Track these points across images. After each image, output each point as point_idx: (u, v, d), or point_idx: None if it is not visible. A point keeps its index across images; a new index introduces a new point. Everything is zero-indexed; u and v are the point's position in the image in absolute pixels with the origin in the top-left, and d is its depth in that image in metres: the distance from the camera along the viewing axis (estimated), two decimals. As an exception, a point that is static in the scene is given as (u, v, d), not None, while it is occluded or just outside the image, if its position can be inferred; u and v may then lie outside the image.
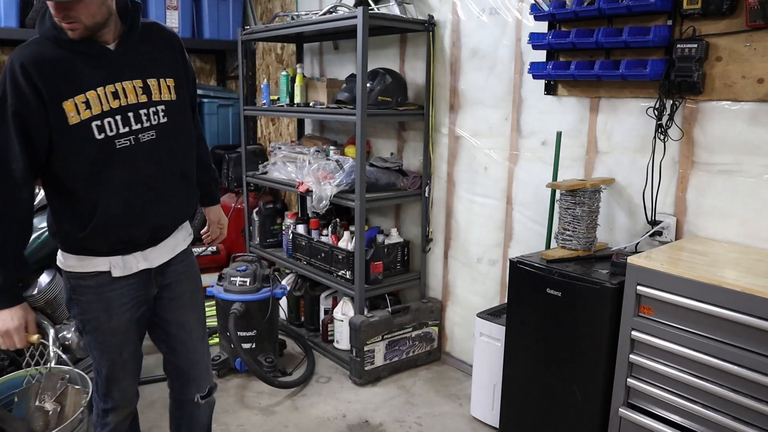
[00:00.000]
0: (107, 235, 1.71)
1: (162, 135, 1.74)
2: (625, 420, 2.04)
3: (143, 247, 1.80)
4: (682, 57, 2.15)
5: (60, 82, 1.58)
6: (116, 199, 1.69)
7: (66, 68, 1.59)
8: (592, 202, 2.33)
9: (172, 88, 1.78)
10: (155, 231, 1.80)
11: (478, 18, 2.97)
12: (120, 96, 1.66)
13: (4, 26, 3.79)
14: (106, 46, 1.66)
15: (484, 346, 2.65)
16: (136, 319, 1.85)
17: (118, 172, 1.68)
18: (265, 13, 4.68)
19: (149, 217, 1.76)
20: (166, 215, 1.82)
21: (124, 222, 1.72)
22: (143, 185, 1.73)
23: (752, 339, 1.71)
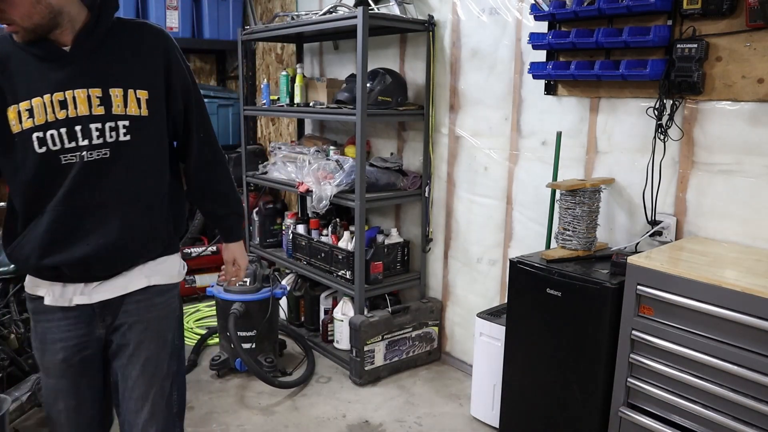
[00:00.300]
0: (27, 257, 1.51)
1: (119, 155, 1.50)
2: (625, 420, 2.04)
3: (77, 279, 1.54)
4: (682, 57, 2.15)
5: (10, 84, 1.42)
6: (45, 218, 1.48)
7: (19, 70, 1.43)
8: (592, 202, 2.33)
9: (143, 101, 1.51)
10: (92, 264, 1.53)
11: (478, 18, 2.97)
12: (68, 106, 1.43)
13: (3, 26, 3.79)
14: (60, 48, 1.45)
15: (484, 346, 2.65)
16: (76, 364, 1.58)
17: (59, 191, 1.47)
18: (265, 13, 4.68)
19: (80, 247, 1.50)
20: (106, 248, 1.52)
21: (45, 246, 1.49)
22: (80, 209, 1.50)
23: (752, 339, 1.71)
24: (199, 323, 3.85)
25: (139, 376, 1.61)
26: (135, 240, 1.57)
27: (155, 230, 1.63)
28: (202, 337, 3.55)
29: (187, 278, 4.22)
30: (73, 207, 1.49)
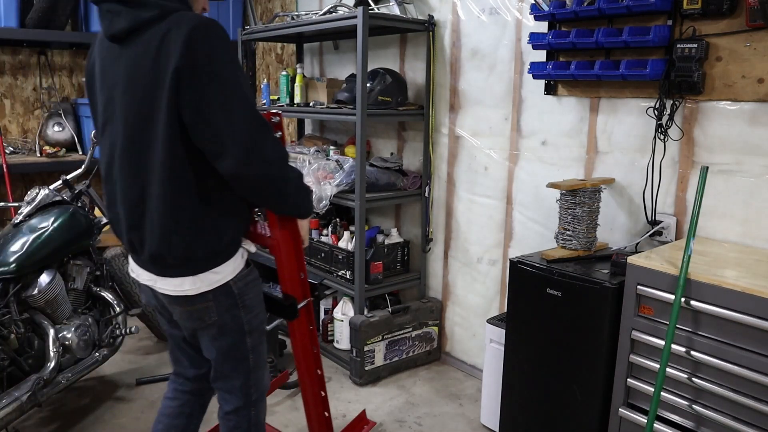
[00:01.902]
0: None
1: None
2: (625, 420, 2.04)
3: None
4: (682, 57, 2.15)
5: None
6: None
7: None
8: (592, 202, 2.33)
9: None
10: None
11: (478, 18, 2.97)
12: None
13: (4, 26, 3.79)
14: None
15: (495, 352, 2.60)
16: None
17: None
18: (265, 13, 4.68)
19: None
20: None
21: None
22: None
23: (752, 339, 1.71)
24: (199, 323, 3.85)
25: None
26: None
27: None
28: (202, 337, 3.54)
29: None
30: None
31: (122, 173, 1.59)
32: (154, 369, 3.25)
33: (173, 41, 1.42)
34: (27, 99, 4.30)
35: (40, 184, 2.89)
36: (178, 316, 1.75)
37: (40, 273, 2.56)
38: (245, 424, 1.84)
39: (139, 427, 2.72)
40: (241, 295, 1.69)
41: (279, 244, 1.79)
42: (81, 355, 2.67)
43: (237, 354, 1.76)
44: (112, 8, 1.48)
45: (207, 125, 1.45)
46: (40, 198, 2.72)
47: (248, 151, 1.48)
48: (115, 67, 1.54)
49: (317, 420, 2.09)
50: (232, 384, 1.80)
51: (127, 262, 3.26)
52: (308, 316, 1.93)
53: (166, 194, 1.53)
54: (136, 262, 1.73)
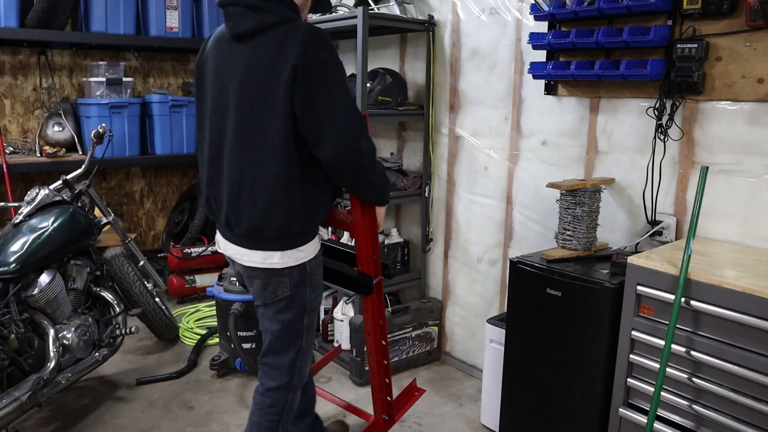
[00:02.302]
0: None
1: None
2: (625, 420, 2.04)
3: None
4: (682, 57, 2.15)
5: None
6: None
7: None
8: (592, 202, 2.33)
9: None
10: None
11: (478, 18, 2.97)
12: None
13: (4, 26, 3.79)
14: None
15: (495, 352, 2.60)
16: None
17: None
18: (265, 13, 4.67)
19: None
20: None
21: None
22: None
23: (752, 339, 1.71)
24: (199, 323, 3.85)
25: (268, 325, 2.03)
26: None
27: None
28: (202, 337, 3.55)
29: (187, 278, 4.22)
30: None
31: (232, 154, 1.79)
32: (154, 369, 3.25)
33: (291, 44, 1.65)
34: (27, 99, 4.30)
35: (40, 184, 2.89)
36: (254, 288, 1.92)
37: (40, 273, 2.56)
38: (281, 404, 1.97)
39: (139, 427, 2.72)
40: (310, 275, 1.91)
41: (359, 227, 2.02)
42: (81, 355, 2.67)
43: (294, 331, 1.93)
44: (237, 11, 1.71)
45: (314, 116, 1.68)
46: (40, 198, 2.72)
47: (346, 141, 1.71)
48: (231, 62, 1.75)
49: (379, 384, 2.34)
50: (281, 360, 1.96)
51: (127, 263, 3.28)
52: (379, 292, 2.18)
53: (275, 174, 1.74)
54: (228, 238, 1.92)
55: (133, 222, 4.95)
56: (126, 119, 4.24)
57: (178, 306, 4.15)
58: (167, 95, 4.44)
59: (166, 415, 2.82)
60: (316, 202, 1.85)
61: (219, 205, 1.89)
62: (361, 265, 2.09)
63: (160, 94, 4.45)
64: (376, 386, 2.34)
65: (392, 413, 2.46)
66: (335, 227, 2.05)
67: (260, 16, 1.67)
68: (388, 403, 2.44)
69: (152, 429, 2.71)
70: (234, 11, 1.71)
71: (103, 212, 3.08)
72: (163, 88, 4.81)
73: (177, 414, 2.83)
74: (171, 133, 4.44)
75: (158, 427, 2.72)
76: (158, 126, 4.37)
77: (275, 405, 1.97)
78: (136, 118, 4.32)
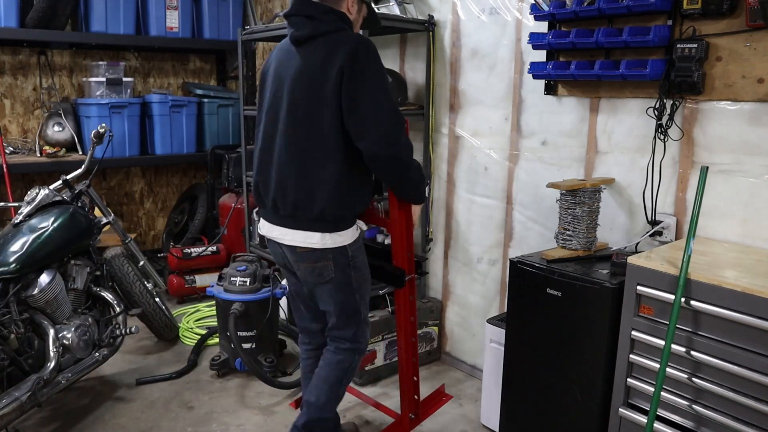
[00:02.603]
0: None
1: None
2: (625, 420, 2.04)
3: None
4: (682, 57, 2.15)
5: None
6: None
7: None
8: (592, 202, 2.33)
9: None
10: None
11: (478, 18, 2.97)
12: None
13: (4, 26, 3.79)
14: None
15: (495, 352, 2.60)
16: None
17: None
18: (265, 13, 4.68)
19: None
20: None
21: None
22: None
23: (752, 339, 1.71)
24: (199, 323, 3.85)
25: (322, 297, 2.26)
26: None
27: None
28: (202, 337, 3.55)
29: (187, 278, 4.22)
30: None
31: (282, 141, 2.02)
32: (154, 369, 3.25)
33: (341, 49, 1.90)
34: (27, 99, 4.30)
35: (40, 184, 2.89)
36: (302, 272, 2.14)
37: (40, 273, 2.56)
38: (348, 363, 2.24)
39: (139, 427, 2.72)
40: (353, 258, 2.11)
41: (396, 224, 2.21)
42: (81, 355, 2.67)
43: (349, 308, 2.17)
44: (299, 20, 1.99)
45: (357, 113, 1.91)
46: (40, 198, 2.72)
47: (385, 136, 1.93)
48: (289, 64, 2.02)
49: (407, 381, 2.47)
50: (345, 333, 2.22)
51: (127, 263, 3.28)
52: (411, 288, 2.34)
53: (321, 161, 1.97)
54: (272, 221, 2.13)
55: (133, 222, 4.95)
56: (126, 119, 4.25)
57: (178, 306, 4.15)
58: (167, 95, 4.44)
59: (166, 415, 2.82)
60: (356, 193, 2.06)
61: (267, 189, 2.11)
62: (396, 259, 2.27)
63: (160, 94, 4.45)
64: (405, 383, 2.46)
65: (419, 413, 2.55)
66: (372, 223, 2.29)
67: (317, 24, 1.96)
68: (415, 402, 2.52)
69: (152, 429, 2.71)
70: (296, 20, 1.99)
71: (103, 212, 3.08)
72: (163, 88, 4.81)
73: (177, 414, 2.83)
74: (171, 133, 4.44)
75: (158, 427, 2.72)
76: (158, 126, 4.38)
77: (343, 362, 2.23)
78: (136, 118, 4.32)
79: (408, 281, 2.28)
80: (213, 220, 4.67)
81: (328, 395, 2.22)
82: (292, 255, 2.13)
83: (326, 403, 2.22)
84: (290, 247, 2.10)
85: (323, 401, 2.21)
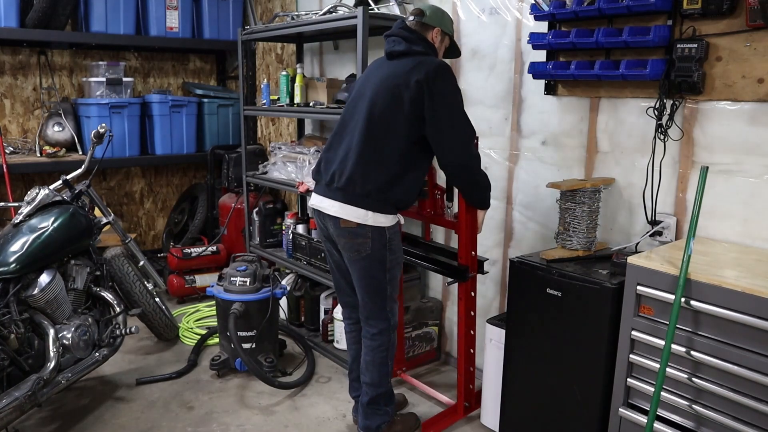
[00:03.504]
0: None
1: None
2: (625, 420, 2.04)
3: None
4: (682, 57, 2.15)
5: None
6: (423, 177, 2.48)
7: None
8: (592, 202, 2.33)
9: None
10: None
11: (478, 18, 2.97)
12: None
13: (4, 26, 3.80)
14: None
15: (495, 352, 2.60)
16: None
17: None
18: (265, 13, 4.68)
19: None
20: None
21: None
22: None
23: (752, 339, 1.71)
24: (199, 323, 3.85)
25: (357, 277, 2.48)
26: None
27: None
28: (202, 337, 3.55)
29: (187, 278, 4.22)
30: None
31: (358, 127, 2.31)
32: (154, 369, 3.25)
33: (424, 68, 2.24)
34: (27, 99, 4.31)
35: (40, 184, 2.89)
36: (342, 245, 2.37)
37: (40, 273, 2.56)
38: (386, 343, 2.47)
39: (139, 427, 2.72)
40: (390, 240, 2.35)
41: (463, 225, 2.51)
42: (81, 355, 2.67)
43: (378, 286, 2.39)
44: (397, 39, 2.35)
45: (436, 126, 2.24)
46: (40, 198, 2.72)
47: (459, 147, 2.28)
48: (378, 71, 2.38)
49: (464, 372, 2.71)
50: (375, 311, 2.43)
51: (127, 263, 3.28)
52: (473, 284, 2.64)
53: (387, 149, 2.27)
54: (324, 193, 2.38)
55: (133, 222, 4.95)
56: (126, 119, 4.25)
57: (178, 306, 4.15)
58: (167, 95, 4.44)
59: (166, 415, 2.82)
60: (405, 185, 2.32)
61: (329, 165, 2.38)
62: (461, 257, 2.55)
63: (160, 94, 4.45)
64: (462, 373, 2.69)
65: (472, 402, 2.77)
66: (442, 225, 2.73)
67: (410, 45, 2.32)
68: (470, 391, 2.74)
69: (152, 429, 2.71)
70: (395, 39, 2.36)
71: (103, 212, 3.08)
72: (163, 88, 4.81)
73: (177, 414, 2.83)
74: (171, 133, 4.44)
75: (158, 427, 2.72)
76: (158, 126, 4.38)
77: (382, 344, 2.46)
78: (136, 118, 4.33)
79: (470, 278, 2.57)
80: (213, 220, 4.67)
81: (380, 373, 2.49)
82: (335, 229, 2.35)
83: (380, 379, 2.49)
84: (334, 220, 2.33)
85: (377, 379, 2.49)
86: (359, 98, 2.38)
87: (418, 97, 2.22)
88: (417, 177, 2.38)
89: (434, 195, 2.74)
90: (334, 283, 2.65)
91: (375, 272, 2.37)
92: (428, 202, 2.76)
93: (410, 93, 2.23)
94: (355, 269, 2.40)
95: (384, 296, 2.42)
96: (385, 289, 2.42)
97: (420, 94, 2.22)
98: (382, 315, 2.44)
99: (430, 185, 2.74)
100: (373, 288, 2.40)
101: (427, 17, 2.39)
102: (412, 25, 2.38)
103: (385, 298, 2.43)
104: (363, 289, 2.41)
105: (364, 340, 2.50)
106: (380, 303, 2.42)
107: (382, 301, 2.43)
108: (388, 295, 2.44)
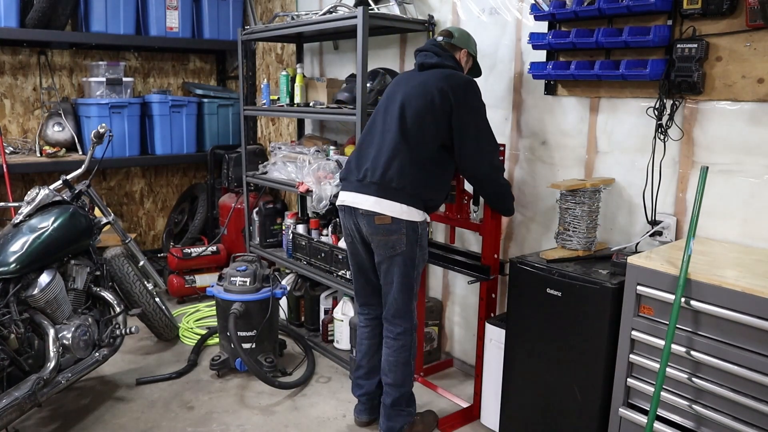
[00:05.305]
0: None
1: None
2: (625, 420, 2.04)
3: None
4: (682, 57, 2.15)
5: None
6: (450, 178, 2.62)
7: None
8: (592, 202, 2.33)
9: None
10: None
11: (478, 18, 2.97)
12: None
13: (4, 26, 3.80)
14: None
15: (495, 352, 2.60)
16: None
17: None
18: (265, 13, 4.68)
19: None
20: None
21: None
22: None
23: (752, 339, 1.71)
24: (199, 323, 3.85)
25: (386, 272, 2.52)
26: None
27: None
28: (202, 337, 3.55)
29: (187, 278, 4.22)
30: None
31: (391, 128, 2.39)
32: (154, 369, 3.25)
33: (452, 81, 2.37)
34: (27, 99, 4.31)
35: (40, 184, 2.89)
36: (376, 243, 2.41)
37: (40, 273, 2.56)
38: (409, 342, 2.52)
39: (139, 427, 2.72)
40: (421, 236, 2.43)
41: (488, 229, 2.63)
42: (81, 355, 2.67)
43: (407, 281, 2.44)
44: (429, 54, 2.48)
45: (462, 136, 2.35)
46: (40, 198, 2.72)
47: (481, 157, 2.39)
48: (409, 80, 2.48)
49: (482, 371, 2.75)
50: (402, 309, 2.47)
51: (127, 263, 3.28)
52: (494, 285, 2.73)
53: (418, 149, 2.36)
54: (356, 189, 2.42)
55: (133, 222, 4.95)
56: (126, 119, 4.25)
57: (178, 306, 4.15)
58: (167, 95, 4.44)
59: (166, 415, 2.82)
60: (437, 188, 2.43)
61: (360, 163, 2.45)
62: (484, 258, 2.65)
63: (160, 94, 4.45)
64: (480, 374, 2.73)
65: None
66: (468, 228, 2.78)
67: (441, 59, 2.46)
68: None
69: (152, 429, 2.71)
70: (426, 53, 2.50)
71: (103, 212, 3.08)
72: (163, 88, 4.81)
73: (177, 414, 2.83)
74: (171, 133, 4.44)
75: (158, 427, 2.72)
76: (158, 126, 4.38)
77: (406, 344, 2.51)
78: (136, 118, 4.33)
79: (492, 278, 2.67)
80: (213, 220, 4.67)
81: (404, 373, 2.53)
82: (368, 227, 2.39)
83: (404, 379, 2.54)
84: (367, 218, 2.37)
85: (401, 379, 2.53)
86: (390, 102, 2.46)
87: (447, 105, 2.32)
88: (446, 179, 2.49)
89: (461, 200, 2.76)
90: (355, 285, 2.67)
91: (407, 269, 2.42)
92: (455, 207, 2.79)
93: (440, 100, 2.33)
94: (388, 266, 2.43)
95: (411, 294, 2.48)
96: (413, 287, 2.47)
97: (449, 103, 2.32)
98: (408, 314, 2.49)
99: (457, 190, 2.75)
100: (404, 285, 2.44)
101: (455, 39, 2.55)
102: (442, 44, 2.53)
103: (412, 296, 2.49)
104: (396, 287, 2.44)
105: (387, 341, 2.53)
106: (408, 301, 2.47)
107: (410, 299, 2.48)
108: (414, 294, 2.49)
